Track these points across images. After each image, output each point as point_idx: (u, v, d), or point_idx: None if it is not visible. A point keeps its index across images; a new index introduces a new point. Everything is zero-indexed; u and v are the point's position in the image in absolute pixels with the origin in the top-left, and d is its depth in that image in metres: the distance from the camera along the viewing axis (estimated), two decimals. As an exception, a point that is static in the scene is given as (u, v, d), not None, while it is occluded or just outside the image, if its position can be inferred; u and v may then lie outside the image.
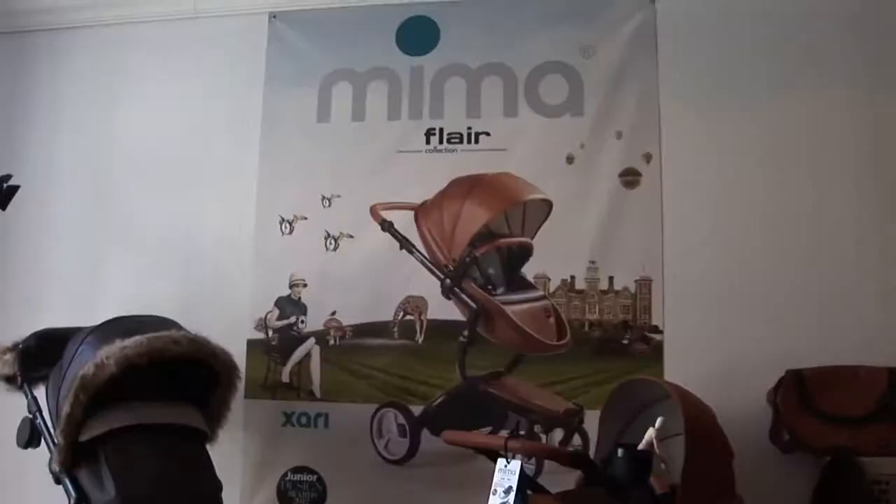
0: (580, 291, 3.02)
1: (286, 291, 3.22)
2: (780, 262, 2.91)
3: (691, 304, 2.93)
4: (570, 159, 3.08)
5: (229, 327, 3.10)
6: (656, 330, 2.95)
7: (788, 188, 2.96)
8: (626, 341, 2.96)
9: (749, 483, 2.63)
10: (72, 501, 2.44)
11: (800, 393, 2.71)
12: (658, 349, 2.94)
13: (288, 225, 3.24)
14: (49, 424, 2.60)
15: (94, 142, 3.51)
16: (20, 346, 2.76)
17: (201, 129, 3.42)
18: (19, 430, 2.70)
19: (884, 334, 2.79)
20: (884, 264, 2.85)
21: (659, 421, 2.21)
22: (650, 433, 2.20)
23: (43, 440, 2.64)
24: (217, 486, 2.62)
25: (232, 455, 3.11)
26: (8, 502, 3.37)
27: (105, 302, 3.12)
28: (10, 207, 2.88)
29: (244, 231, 3.29)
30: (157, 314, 2.75)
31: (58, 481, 2.50)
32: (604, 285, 3.01)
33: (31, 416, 2.69)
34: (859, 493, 2.58)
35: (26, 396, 2.72)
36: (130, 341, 2.44)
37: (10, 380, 2.75)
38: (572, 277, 3.03)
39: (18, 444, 2.70)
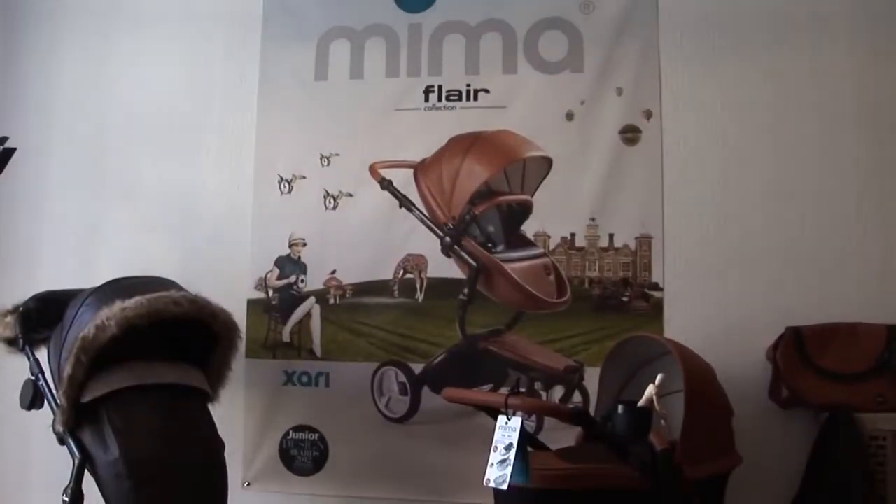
0: (580, 249, 3.02)
1: (286, 251, 3.21)
2: (780, 219, 2.90)
3: (691, 262, 2.93)
4: (569, 116, 3.06)
5: (229, 287, 3.11)
6: (656, 287, 2.95)
7: (790, 145, 2.95)
8: (626, 298, 2.96)
9: (748, 439, 2.66)
10: (76, 462, 2.45)
11: (799, 350, 2.73)
12: (658, 306, 2.94)
13: (287, 184, 3.23)
14: (51, 386, 2.61)
15: (91, 102, 3.48)
16: (21, 308, 2.76)
17: (199, 88, 3.39)
18: (22, 391, 2.71)
19: (884, 291, 2.80)
20: (885, 222, 2.85)
21: (659, 377, 2.21)
22: (650, 390, 2.21)
23: (46, 402, 2.65)
24: (219, 446, 2.64)
25: (234, 414, 3.13)
26: (13, 463, 3.40)
27: (104, 263, 3.12)
28: (6, 170, 2.87)
29: (243, 191, 3.28)
30: (157, 275, 2.75)
31: (62, 442, 2.51)
32: (604, 242, 3.00)
33: (33, 377, 2.69)
34: (857, 449, 2.59)
35: (28, 359, 2.73)
36: (131, 302, 2.44)
37: (11, 342, 2.76)
38: (572, 235, 3.03)
39: (22, 406, 2.71)
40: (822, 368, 2.70)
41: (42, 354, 2.72)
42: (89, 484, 2.47)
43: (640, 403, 2.20)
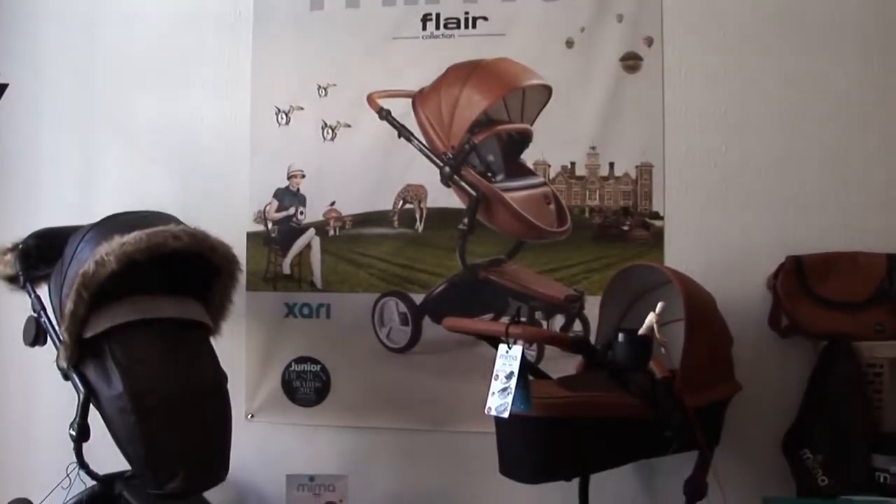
0: (580, 177, 3.00)
1: (284, 183, 3.19)
2: (782, 148, 2.87)
3: (692, 191, 2.91)
4: (569, 43, 3.01)
5: (228, 220, 3.11)
6: (657, 216, 2.93)
7: (794, 73, 2.90)
8: (626, 227, 2.96)
9: (747, 367, 2.69)
10: (81, 397, 2.47)
11: (799, 279, 2.73)
12: (658, 235, 2.93)
13: (284, 116, 3.19)
14: (54, 322, 2.62)
15: (82, 36, 3.41)
16: (20, 246, 2.76)
17: (192, 20, 3.32)
18: (25, 328, 2.73)
19: (885, 221, 2.79)
20: (887, 152, 2.82)
21: (659, 306, 2.22)
22: (650, 318, 2.22)
23: (49, 338, 2.67)
24: (222, 378, 2.66)
25: (235, 347, 3.14)
26: (19, 399, 3.44)
27: (102, 200, 3.10)
28: (-1, 107, 2.85)
29: (240, 123, 3.24)
30: (156, 210, 2.74)
31: (66, 377, 2.53)
32: (604, 171, 2.98)
33: (35, 314, 2.71)
34: (854, 377, 2.61)
35: (29, 296, 2.73)
36: (130, 237, 2.43)
37: (12, 280, 2.77)
38: (572, 164, 3.00)
39: (25, 343, 2.73)
40: (821, 297, 2.71)
41: (43, 291, 2.73)
42: (95, 417, 2.50)
43: (641, 332, 2.21)
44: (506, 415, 2.16)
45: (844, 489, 2.59)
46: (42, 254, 2.73)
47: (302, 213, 3.18)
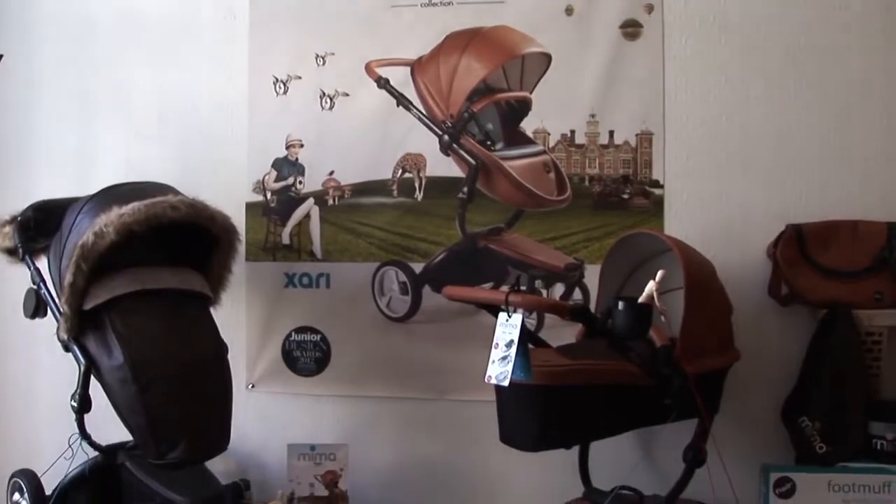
0: (580, 146, 2.98)
1: (283, 153, 3.17)
2: (783, 117, 2.85)
3: (692, 159, 2.90)
4: (569, 11, 2.98)
5: (227, 191, 3.10)
6: (657, 184, 2.92)
7: (795, 40, 2.87)
8: (626, 196, 2.95)
9: (747, 336, 2.69)
10: (82, 368, 2.48)
11: (799, 247, 2.72)
12: (658, 203, 2.92)
13: (282, 85, 3.17)
14: (53, 294, 2.62)
15: (78, 7, 3.37)
16: (19, 218, 2.75)
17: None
18: (25, 300, 2.72)
19: (885, 189, 2.78)
20: (889, 121, 2.80)
21: (659, 274, 2.21)
22: (650, 286, 2.21)
23: (49, 310, 2.67)
24: (222, 348, 2.66)
25: (235, 318, 3.16)
26: (21, 371, 3.45)
27: (100, 171, 3.09)
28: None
29: (237, 92, 3.21)
30: (154, 180, 2.74)
31: (67, 349, 2.53)
32: (604, 139, 2.96)
33: (35, 286, 2.70)
34: (853, 345, 2.62)
35: (29, 268, 2.73)
36: (128, 208, 2.42)
37: (11, 252, 2.76)
38: (572, 132, 2.99)
39: (25, 315, 2.73)
40: (821, 266, 2.71)
41: (42, 264, 2.72)
42: (97, 389, 2.51)
43: (641, 300, 2.21)
44: (506, 383, 2.16)
45: (842, 456, 2.61)
46: (40, 226, 2.72)
47: (301, 182, 3.17)
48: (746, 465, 2.64)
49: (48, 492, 2.78)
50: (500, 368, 2.19)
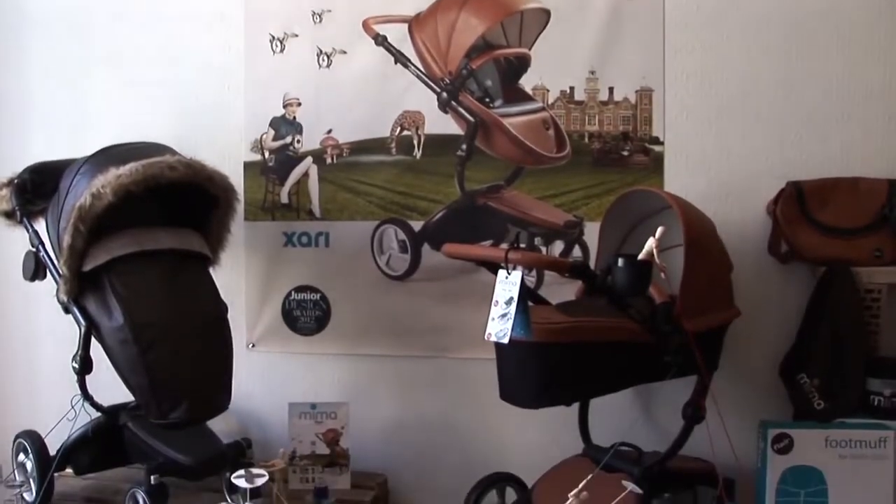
0: (579, 102, 2.96)
1: (280, 111, 3.15)
2: (784, 74, 2.81)
3: (692, 116, 2.87)
4: (568, -35, 2.96)
5: (225, 151, 3.10)
6: (657, 141, 2.90)
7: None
8: (626, 153, 2.93)
9: (746, 293, 2.70)
10: (82, 329, 2.48)
11: (799, 204, 2.71)
12: (658, 160, 2.90)
13: (279, 43, 3.13)
14: (52, 256, 2.62)
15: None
16: (15, 180, 2.74)
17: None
18: (24, 263, 2.73)
19: (887, 146, 2.75)
20: (892, 77, 2.76)
21: (659, 230, 2.20)
22: (650, 243, 2.19)
23: (48, 272, 2.67)
24: (222, 308, 2.66)
25: (235, 277, 3.16)
26: (21, 334, 3.46)
27: (97, 132, 3.03)
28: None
29: (234, 51, 3.18)
30: (151, 141, 2.72)
31: (67, 311, 2.54)
32: (603, 96, 2.94)
33: (34, 249, 2.70)
34: (852, 302, 2.62)
35: (27, 230, 2.73)
36: (125, 169, 2.41)
37: (9, 215, 2.76)
38: (571, 88, 2.96)
39: (25, 278, 2.74)
40: (821, 223, 2.70)
41: (41, 226, 2.72)
42: (98, 350, 2.52)
43: (640, 257, 2.19)
44: (505, 340, 2.17)
45: (840, 412, 2.62)
46: (38, 188, 2.71)
47: (299, 141, 3.15)
48: (745, 422, 2.65)
49: (52, 452, 2.80)
50: (499, 326, 2.19)
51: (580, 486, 2.25)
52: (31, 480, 2.83)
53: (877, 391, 2.61)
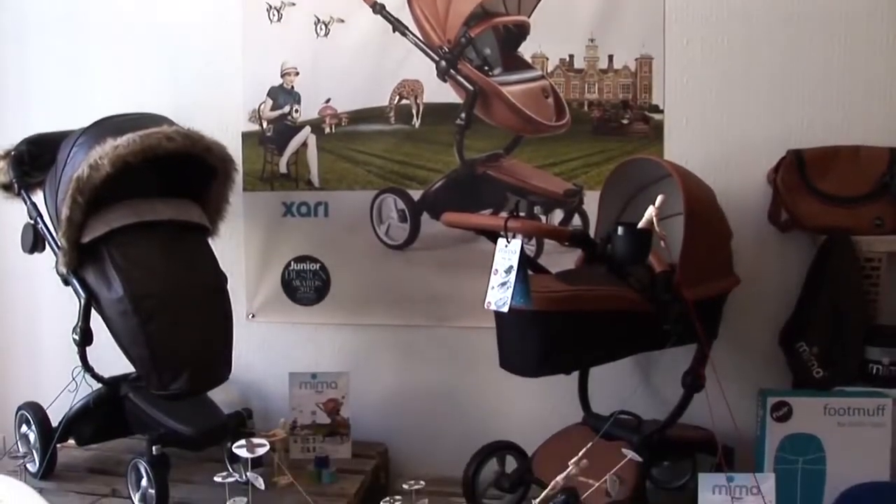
0: (579, 70, 2.94)
1: (278, 81, 3.12)
2: (785, 40, 2.79)
3: (693, 83, 2.85)
4: (567, -69, 2.92)
5: (222, 121, 3.07)
6: (657, 109, 2.89)
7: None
8: (625, 121, 2.91)
9: (746, 262, 2.70)
10: (82, 301, 2.49)
11: (800, 173, 2.70)
12: (658, 129, 2.89)
13: (276, 12, 3.10)
14: (51, 228, 2.62)
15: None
16: (12, 152, 2.73)
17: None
18: (23, 236, 2.73)
19: (888, 114, 2.74)
20: (894, 44, 2.74)
21: (659, 199, 2.19)
22: (650, 211, 2.18)
23: (47, 244, 2.66)
24: (222, 278, 2.66)
25: (234, 248, 3.16)
26: (21, 306, 3.47)
27: (94, 104, 3.00)
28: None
29: (231, 21, 3.14)
30: (148, 112, 2.71)
31: (66, 283, 2.55)
32: (603, 64, 2.91)
33: (32, 221, 2.70)
34: (852, 270, 2.62)
35: (25, 203, 2.72)
36: (123, 140, 2.40)
37: (6, 187, 2.75)
38: (571, 56, 2.94)
39: (24, 250, 2.74)
40: (821, 192, 2.69)
41: (39, 198, 2.71)
42: (99, 322, 2.52)
43: (640, 225, 2.19)
44: (505, 309, 2.17)
45: (839, 380, 2.63)
46: (35, 160, 2.71)
47: (297, 111, 3.14)
48: (744, 390, 2.65)
49: (54, 423, 2.81)
50: (499, 294, 2.19)
51: (580, 454, 2.24)
52: (35, 451, 2.85)
53: (875, 359, 2.62)
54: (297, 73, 3.12)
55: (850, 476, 2.53)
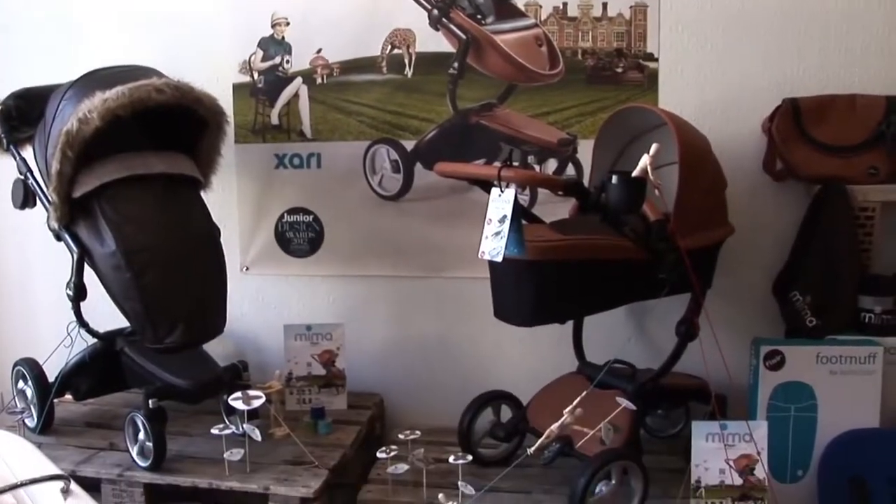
0: (573, 19, 2.90)
1: (269, 31, 3.08)
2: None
3: (688, 31, 2.81)
4: None
5: (212, 72, 3.02)
6: (651, 58, 2.86)
7: None
8: (620, 69, 2.89)
9: (741, 211, 2.68)
10: (75, 256, 2.48)
11: (795, 122, 2.68)
12: (653, 77, 2.86)
13: (265, -39, 3.07)
14: (41, 184, 2.60)
15: None
16: (0, 107, 2.71)
17: None
18: (13, 191, 2.71)
19: (885, 62, 2.71)
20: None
21: (653, 147, 2.17)
22: (644, 160, 2.16)
23: (38, 199, 2.65)
24: (215, 231, 2.66)
25: (227, 201, 3.15)
26: (15, 263, 3.46)
27: (81, 57, 2.95)
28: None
29: (220, -30, 3.10)
30: (138, 64, 2.68)
31: (59, 238, 2.53)
32: (597, 12, 2.88)
33: (22, 177, 2.68)
34: (846, 220, 2.61)
35: (14, 158, 2.70)
36: (112, 93, 2.36)
37: (-5, 143, 2.73)
38: (564, 4, 2.90)
39: (14, 206, 2.72)
40: (817, 141, 2.67)
41: (28, 154, 2.69)
42: (92, 276, 2.51)
43: (635, 174, 2.17)
44: (499, 258, 2.16)
45: (831, 329, 2.64)
46: (23, 114, 2.67)
47: (288, 61, 3.10)
48: (738, 339, 2.66)
49: (51, 379, 2.83)
50: (493, 244, 2.18)
51: (575, 402, 2.27)
52: (32, 407, 2.86)
53: (868, 308, 2.63)
54: (288, 24, 3.08)
55: (841, 423, 2.56)
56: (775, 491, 2.39)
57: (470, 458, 2.50)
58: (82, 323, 2.62)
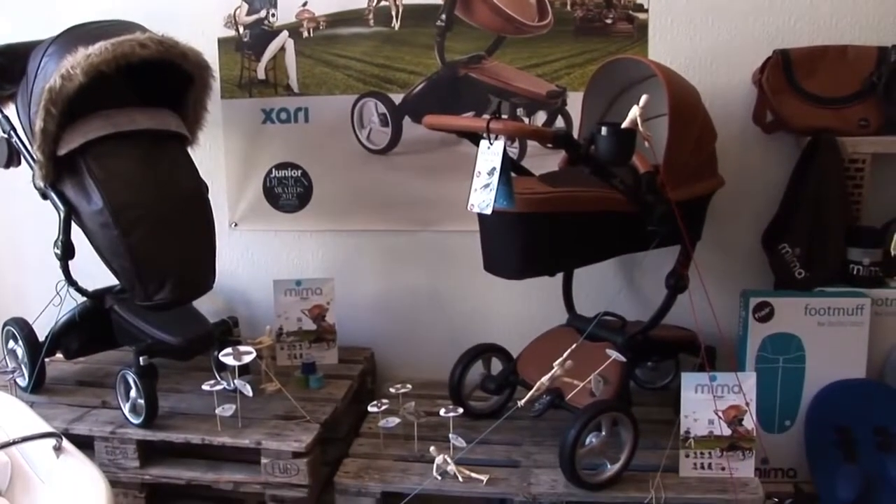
0: (561, -32, 2.88)
1: (254, -17, 3.05)
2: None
3: (678, -19, 2.80)
4: None
5: (197, 27, 2.98)
6: (641, 9, 2.82)
7: None
8: (609, 21, 2.86)
9: (730, 163, 2.68)
10: (62, 215, 2.45)
11: (786, 73, 2.67)
12: (643, 29, 2.83)
13: (249, -89, 3.02)
14: (26, 142, 2.56)
15: None
16: (-21, 66, 2.66)
17: None
18: (-4, 151, 2.68)
19: (877, 12, 2.69)
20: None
21: (643, 98, 2.15)
22: (634, 111, 2.15)
23: (23, 158, 2.61)
24: (203, 187, 2.63)
25: (214, 157, 3.13)
26: (2, 223, 3.43)
27: (63, 10, 2.94)
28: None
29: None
30: (120, 18, 2.63)
31: (45, 197, 2.50)
32: (586, -39, 2.86)
33: (5, 135, 2.63)
34: (836, 172, 2.62)
35: (-4, 117, 2.67)
36: (95, 48, 2.32)
37: (-25, 101, 2.69)
38: (553, -47, 2.88)
39: (-1, 165, 2.70)
40: (808, 92, 2.66)
41: (11, 112, 2.64)
42: (79, 234, 2.49)
43: (624, 125, 2.15)
44: (488, 211, 2.15)
45: (820, 281, 2.66)
46: (5, 71, 2.61)
47: (274, 15, 3.06)
48: (727, 291, 2.69)
49: (41, 338, 2.82)
50: (482, 196, 2.17)
51: (565, 355, 2.28)
52: (23, 366, 2.86)
53: (856, 260, 2.64)
54: (273, -24, 3.04)
55: (829, 374, 2.59)
56: (763, 441, 2.42)
57: (461, 410, 2.52)
58: (71, 281, 2.61)
